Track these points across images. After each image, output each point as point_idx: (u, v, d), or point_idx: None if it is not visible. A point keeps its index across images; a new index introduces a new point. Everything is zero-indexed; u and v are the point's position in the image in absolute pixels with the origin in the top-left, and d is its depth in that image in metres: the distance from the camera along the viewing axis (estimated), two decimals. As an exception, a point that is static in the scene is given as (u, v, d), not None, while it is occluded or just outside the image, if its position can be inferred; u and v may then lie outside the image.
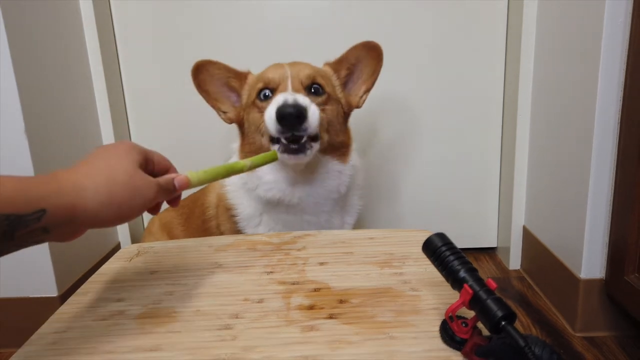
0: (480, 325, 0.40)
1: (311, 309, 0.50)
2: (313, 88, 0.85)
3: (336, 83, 0.93)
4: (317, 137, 0.82)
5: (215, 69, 0.91)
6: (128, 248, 0.71)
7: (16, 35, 0.99)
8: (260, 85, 0.86)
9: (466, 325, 0.41)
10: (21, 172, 1.00)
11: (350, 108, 0.94)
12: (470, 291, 0.39)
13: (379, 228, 1.47)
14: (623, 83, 0.90)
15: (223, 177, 0.61)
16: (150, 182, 0.48)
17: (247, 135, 0.90)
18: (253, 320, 0.48)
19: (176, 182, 0.53)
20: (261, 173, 0.87)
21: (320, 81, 0.86)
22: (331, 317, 0.48)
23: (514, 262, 1.36)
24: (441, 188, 1.46)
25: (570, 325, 1.05)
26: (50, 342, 0.46)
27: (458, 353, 0.41)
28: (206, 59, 0.90)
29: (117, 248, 1.42)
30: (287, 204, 0.89)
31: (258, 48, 1.35)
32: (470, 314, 0.41)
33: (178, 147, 1.42)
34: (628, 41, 0.88)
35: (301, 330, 0.46)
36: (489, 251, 1.51)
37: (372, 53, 0.95)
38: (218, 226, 0.99)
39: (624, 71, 0.89)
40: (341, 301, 0.51)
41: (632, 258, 0.89)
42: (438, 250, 0.43)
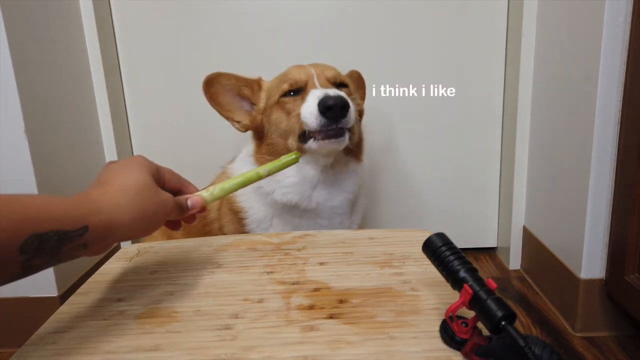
0: (480, 325, 0.40)
1: (311, 309, 0.50)
2: (339, 85, 0.87)
3: (351, 84, 0.96)
4: (351, 130, 0.83)
5: (225, 80, 0.92)
6: (128, 248, 0.71)
7: (16, 35, 0.99)
8: (285, 86, 0.86)
9: (466, 325, 0.41)
10: (21, 172, 1.01)
11: (360, 112, 0.97)
12: (470, 291, 0.39)
13: (379, 228, 1.47)
14: (623, 83, 0.90)
15: (239, 189, 0.61)
16: (168, 196, 0.51)
17: (268, 137, 0.90)
18: (253, 320, 0.48)
19: (189, 202, 0.55)
20: (282, 176, 0.87)
21: (344, 79, 0.89)
22: (331, 317, 0.48)
23: (514, 262, 1.36)
24: (441, 188, 1.46)
25: (570, 325, 1.05)
26: (50, 342, 0.46)
27: (458, 353, 0.41)
28: (216, 72, 0.91)
29: (117, 248, 1.42)
30: (303, 209, 0.89)
31: (258, 47, 1.35)
32: (470, 314, 0.41)
33: (178, 147, 1.42)
34: (628, 41, 0.88)
35: (301, 330, 0.46)
36: (489, 251, 1.51)
37: (360, 82, 1.05)
38: (221, 228, 0.99)
39: (624, 71, 0.89)
40: (341, 301, 0.51)
41: (632, 258, 0.89)
42: (438, 250, 0.43)
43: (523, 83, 1.25)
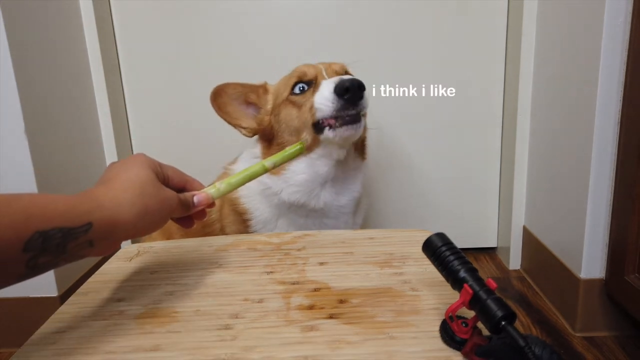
0: (480, 325, 0.40)
1: (311, 309, 0.50)
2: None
3: None
4: (365, 115, 0.84)
5: (231, 90, 0.92)
6: (128, 248, 0.71)
7: (16, 35, 0.99)
8: (293, 80, 0.87)
9: (466, 325, 0.41)
10: (21, 172, 1.01)
11: None
12: (470, 291, 0.39)
13: (379, 228, 1.47)
14: (623, 83, 0.90)
15: (245, 184, 0.61)
16: (171, 193, 0.51)
17: (278, 137, 0.91)
18: (253, 320, 0.48)
19: (195, 199, 0.55)
20: (292, 173, 0.87)
21: (350, 72, 0.90)
22: (331, 317, 0.48)
23: (514, 262, 1.36)
24: (441, 188, 1.46)
25: (570, 325, 1.05)
26: (50, 342, 0.46)
27: (458, 353, 0.41)
28: (223, 83, 0.91)
29: (118, 247, 1.42)
30: (311, 209, 0.89)
31: (258, 47, 1.35)
32: (470, 314, 0.41)
33: (178, 147, 1.42)
34: (628, 41, 0.88)
35: (301, 330, 0.46)
36: (489, 251, 1.51)
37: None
38: (222, 229, 0.98)
39: (624, 71, 0.89)
40: (341, 301, 0.51)
41: (632, 258, 0.89)
42: (438, 250, 0.43)
43: (523, 83, 1.25)
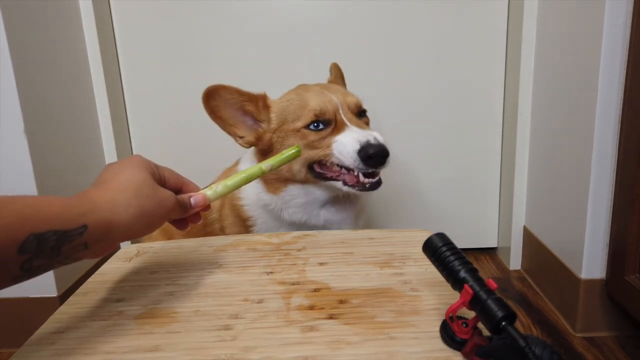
0: (480, 325, 0.40)
1: (311, 309, 0.50)
2: (360, 114, 0.88)
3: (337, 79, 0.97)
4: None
5: (227, 94, 0.86)
6: (128, 248, 0.71)
7: (16, 35, 0.99)
8: (311, 117, 0.83)
9: (466, 325, 0.41)
10: (21, 172, 1.01)
11: None
12: (470, 291, 0.39)
13: (379, 228, 1.47)
14: (623, 83, 0.90)
15: (242, 185, 0.61)
16: (169, 193, 0.50)
17: (277, 153, 0.88)
18: (253, 320, 0.48)
19: (192, 200, 0.55)
20: (290, 197, 0.87)
21: (363, 106, 0.89)
22: (331, 318, 0.48)
23: (515, 262, 1.36)
24: (441, 188, 1.46)
25: (570, 325, 1.05)
26: (49, 343, 0.46)
27: (458, 353, 0.41)
28: (217, 84, 0.84)
29: (117, 248, 1.42)
30: (312, 225, 0.89)
31: (258, 48, 1.35)
32: (470, 315, 0.41)
33: (178, 147, 1.42)
34: (628, 41, 0.88)
35: (301, 330, 0.46)
36: (490, 251, 1.51)
37: (341, 73, 1.07)
38: (222, 229, 0.98)
39: (624, 71, 0.89)
40: (341, 301, 0.51)
41: (633, 258, 0.89)
42: (438, 250, 0.43)
43: (523, 83, 1.25)
